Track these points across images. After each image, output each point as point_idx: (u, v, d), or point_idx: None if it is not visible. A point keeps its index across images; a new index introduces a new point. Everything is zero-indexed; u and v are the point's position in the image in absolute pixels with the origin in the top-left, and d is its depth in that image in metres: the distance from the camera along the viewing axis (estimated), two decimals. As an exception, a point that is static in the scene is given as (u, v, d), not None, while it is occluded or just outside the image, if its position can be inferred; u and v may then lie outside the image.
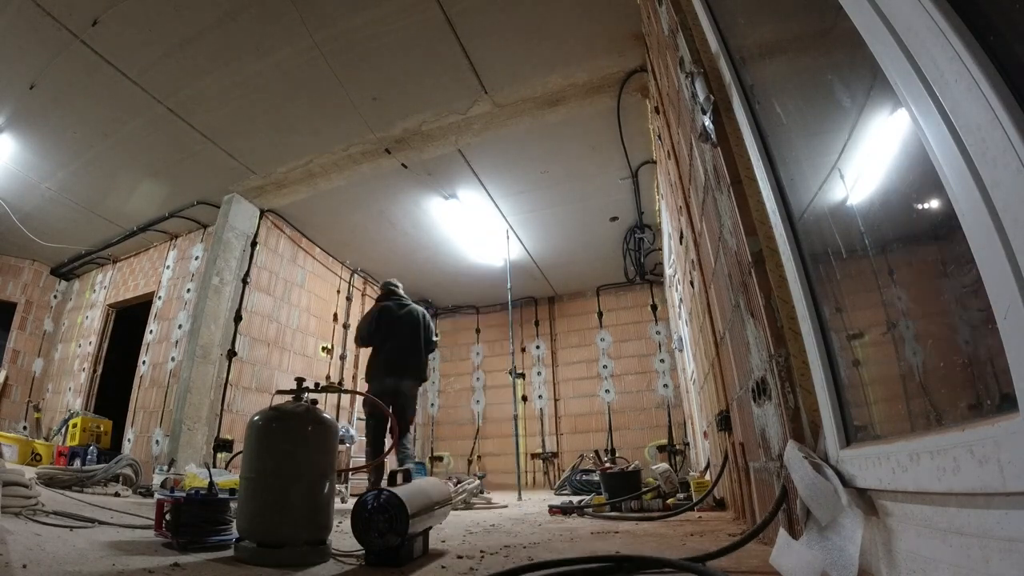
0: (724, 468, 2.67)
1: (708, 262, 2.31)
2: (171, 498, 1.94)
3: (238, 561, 1.68)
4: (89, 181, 5.12)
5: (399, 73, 3.87)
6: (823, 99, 1.18)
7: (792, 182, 1.34)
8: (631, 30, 3.46)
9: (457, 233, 6.17)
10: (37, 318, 6.88)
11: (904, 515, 0.87)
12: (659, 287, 7.49)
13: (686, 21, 1.98)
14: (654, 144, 4.35)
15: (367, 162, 4.81)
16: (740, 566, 1.40)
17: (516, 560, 1.66)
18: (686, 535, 2.12)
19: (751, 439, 1.86)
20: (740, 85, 1.58)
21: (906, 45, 0.69)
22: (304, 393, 1.99)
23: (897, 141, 0.86)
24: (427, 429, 8.42)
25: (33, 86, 3.87)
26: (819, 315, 1.22)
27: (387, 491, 1.64)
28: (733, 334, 1.93)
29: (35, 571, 1.36)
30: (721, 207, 1.74)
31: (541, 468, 7.52)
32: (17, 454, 5.11)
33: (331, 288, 6.73)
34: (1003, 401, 0.61)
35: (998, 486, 0.58)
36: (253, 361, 5.33)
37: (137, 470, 4.16)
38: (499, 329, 8.42)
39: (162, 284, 5.89)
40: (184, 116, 4.25)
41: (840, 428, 1.13)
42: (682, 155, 2.52)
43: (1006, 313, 0.55)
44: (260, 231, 5.56)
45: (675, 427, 6.86)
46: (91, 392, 6.07)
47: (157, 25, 3.40)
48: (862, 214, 1.05)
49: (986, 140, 0.56)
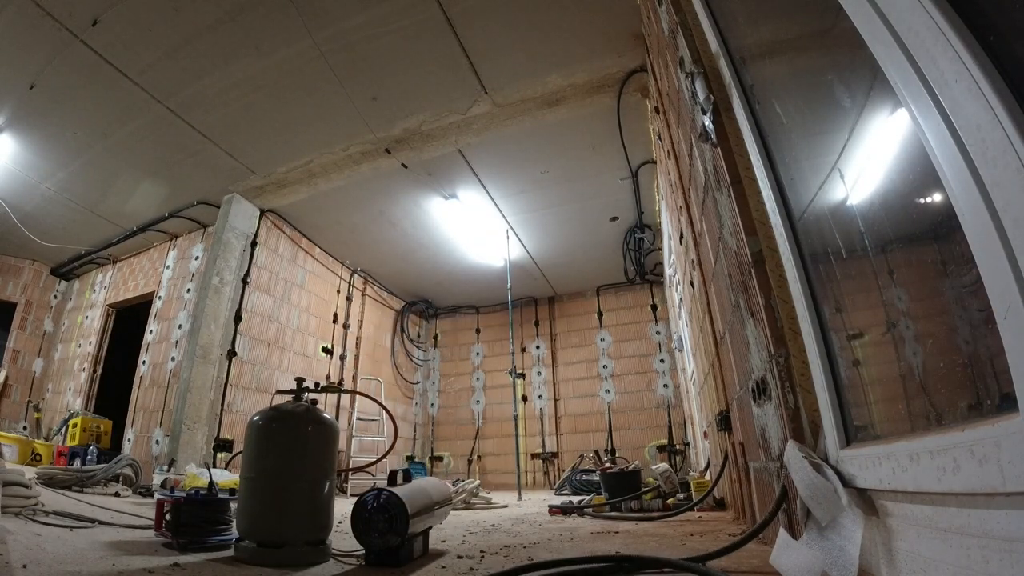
0: (724, 468, 2.67)
1: (708, 262, 2.31)
2: (171, 498, 1.94)
3: (238, 561, 1.69)
4: (89, 181, 5.12)
5: (399, 73, 3.87)
6: (823, 99, 1.18)
7: (792, 182, 1.34)
8: (631, 30, 3.46)
9: (457, 233, 6.17)
10: (37, 318, 6.88)
11: (904, 515, 0.87)
12: (659, 287, 7.49)
13: (686, 21, 1.98)
14: (654, 144, 4.35)
15: (367, 162, 4.81)
16: (740, 566, 1.40)
17: (516, 560, 1.66)
18: (686, 535, 2.12)
19: (751, 439, 1.86)
20: (740, 85, 1.59)
21: (906, 45, 0.69)
22: (304, 393, 1.99)
23: (897, 141, 0.86)
24: (427, 429, 8.43)
25: (33, 86, 3.87)
26: (819, 315, 1.22)
27: (387, 491, 1.64)
28: (733, 334, 1.93)
29: (35, 571, 1.36)
30: (721, 207, 1.74)
31: (541, 468, 7.52)
32: (17, 454, 5.11)
33: (331, 288, 6.73)
34: (1003, 401, 0.61)
35: (998, 486, 0.58)
36: (253, 361, 5.33)
37: (137, 470, 4.16)
38: (499, 329, 8.42)
39: (162, 284, 5.89)
40: (184, 116, 4.25)
41: (840, 428, 1.13)
42: (682, 155, 2.52)
43: (1006, 313, 0.55)
44: (260, 231, 5.56)
45: (675, 427, 6.86)
46: (91, 392, 6.06)
47: (157, 25, 3.40)
48: (862, 214, 1.05)
49: (986, 140, 0.56)
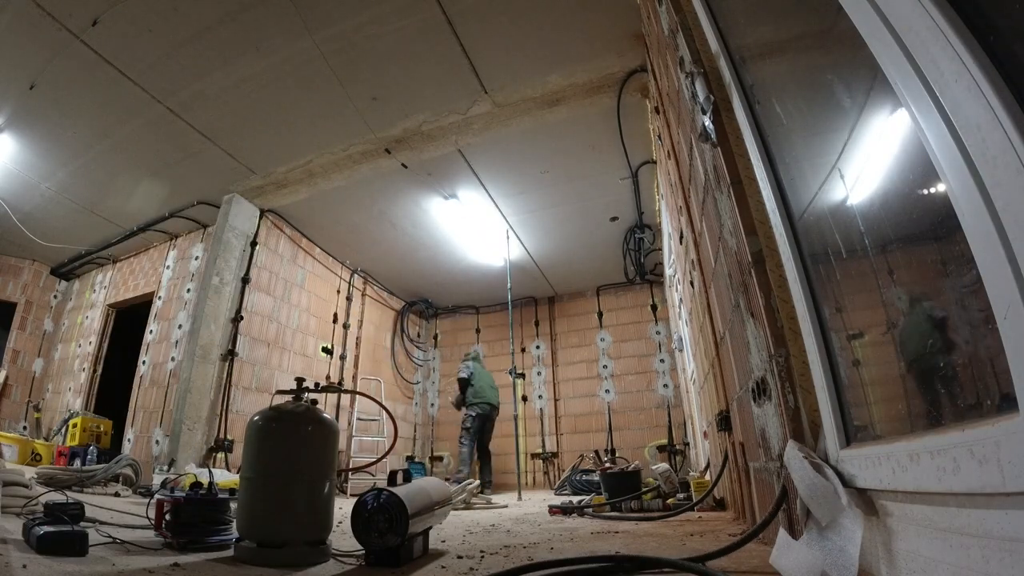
0: (724, 468, 2.66)
1: (708, 262, 2.30)
2: (171, 498, 1.94)
3: (238, 561, 1.69)
4: (89, 181, 5.12)
5: (399, 73, 3.87)
6: (823, 99, 1.18)
7: (792, 182, 1.34)
8: (631, 30, 3.46)
9: (457, 233, 6.17)
10: (37, 318, 6.88)
11: (904, 515, 0.87)
12: (659, 287, 7.49)
13: (686, 21, 1.98)
14: (654, 144, 4.35)
15: (367, 162, 4.81)
16: (740, 566, 1.40)
17: (516, 560, 1.66)
18: (686, 535, 2.12)
19: (751, 439, 1.86)
20: (740, 85, 1.58)
21: (906, 45, 0.69)
22: (304, 393, 1.99)
23: (897, 141, 0.86)
24: (427, 429, 8.42)
25: (33, 86, 3.87)
26: (819, 315, 1.22)
27: (387, 491, 1.64)
28: (733, 334, 1.93)
29: (35, 571, 1.36)
30: (721, 207, 1.74)
31: (541, 468, 7.51)
32: (17, 454, 5.11)
33: (331, 288, 6.73)
34: (1003, 401, 0.61)
35: (998, 486, 0.58)
36: (253, 361, 5.33)
37: (137, 470, 4.16)
38: (499, 329, 8.42)
39: (162, 284, 5.89)
40: (184, 116, 4.25)
41: (840, 428, 1.13)
42: (682, 155, 2.52)
43: (1006, 313, 0.55)
44: (260, 231, 5.55)
45: (675, 427, 6.86)
46: (91, 392, 6.06)
47: (157, 25, 3.40)
48: (862, 214, 1.05)
49: (986, 140, 0.56)
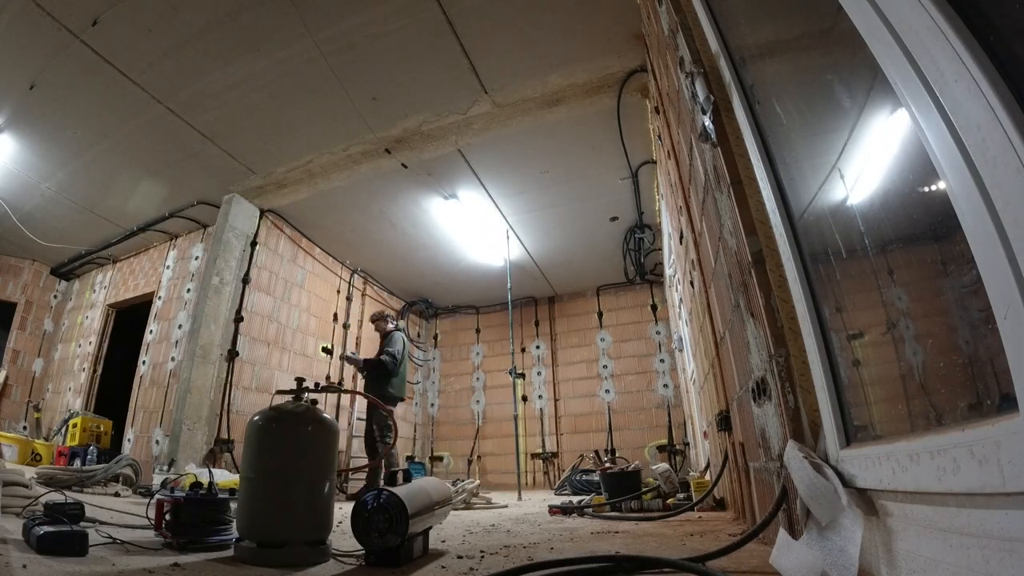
0: (724, 468, 2.66)
1: (708, 262, 2.30)
2: (171, 498, 1.94)
3: (238, 561, 1.69)
4: (89, 181, 5.12)
5: (399, 73, 3.87)
6: (823, 99, 1.18)
7: (792, 182, 1.34)
8: (631, 30, 3.45)
9: (457, 233, 6.17)
10: (37, 318, 6.88)
11: (904, 515, 0.87)
12: (659, 287, 7.49)
13: (686, 21, 1.98)
14: (654, 144, 4.35)
15: (367, 162, 4.81)
16: (740, 566, 1.40)
17: (516, 560, 1.65)
18: (686, 535, 2.12)
19: (751, 439, 1.86)
20: (740, 85, 1.58)
21: (906, 45, 0.69)
22: (304, 393, 1.99)
23: (897, 141, 0.86)
24: (427, 429, 8.42)
25: (33, 86, 3.87)
26: (819, 315, 1.22)
27: (387, 491, 1.64)
28: (733, 334, 1.93)
29: (35, 571, 1.36)
30: (721, 207, 1.74)
31: (541, 468, 7.51)
32: (17, 454, 5.11)
33: (331, 288, 6.73)
34: (1003, 401, 0.60)
35: (998, 486, 0.58)
36: (253, 361, 5.33)
37: (137, 470, 4.16)
38: (499, 329, 8.42)
39: (162, 284, 5.89)
40: (184, 116, 4.25)
41: (840, 428, 1.13)
42: (682, 155, 2.52)
43: (1006, 313, 0.55)
44: (260, 231, 5.55)
45: (675, 427, 6.86)
46: (91, 392, 6.06)
47: (157, 25, 3.40)
48: (862, 214, 1.05)
49: (986, 140, 0.56)
